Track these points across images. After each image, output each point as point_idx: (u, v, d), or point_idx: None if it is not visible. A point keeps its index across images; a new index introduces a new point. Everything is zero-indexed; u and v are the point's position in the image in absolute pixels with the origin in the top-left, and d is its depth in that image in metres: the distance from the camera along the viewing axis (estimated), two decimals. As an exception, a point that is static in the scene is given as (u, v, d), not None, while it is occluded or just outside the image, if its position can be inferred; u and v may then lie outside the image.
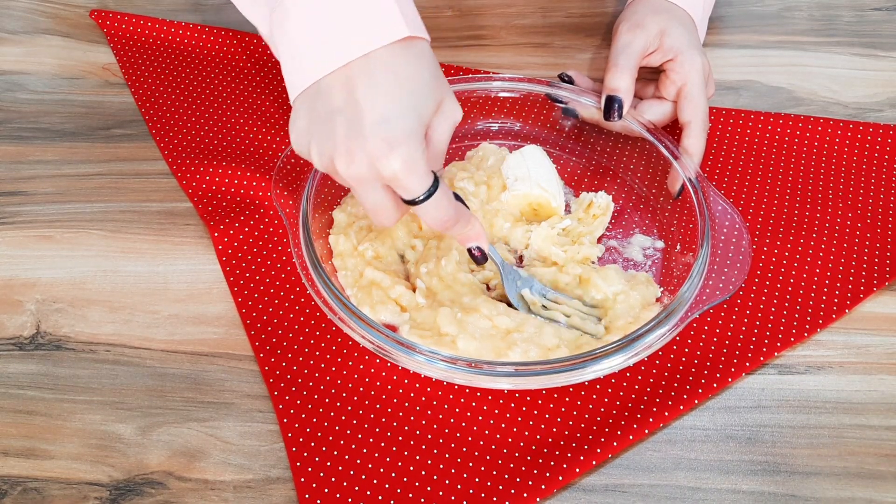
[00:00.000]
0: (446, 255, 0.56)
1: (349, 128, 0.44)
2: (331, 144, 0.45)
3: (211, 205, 0.62)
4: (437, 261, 0.55)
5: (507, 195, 0.60)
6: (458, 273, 0.55)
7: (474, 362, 0.48)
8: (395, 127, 0.44)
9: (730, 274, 0.53)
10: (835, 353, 0.54)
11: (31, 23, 0.81)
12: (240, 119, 0.69)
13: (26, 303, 0.57)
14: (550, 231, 0.59)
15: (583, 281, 0.56)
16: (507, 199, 0.60)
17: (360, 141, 0.44)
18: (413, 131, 0.44)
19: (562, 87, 0.65)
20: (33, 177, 0.66)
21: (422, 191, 0.46)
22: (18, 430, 0.51)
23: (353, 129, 0.44)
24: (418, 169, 0.45)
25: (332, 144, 0.45)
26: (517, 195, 0.59)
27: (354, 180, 0.46)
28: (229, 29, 0.77)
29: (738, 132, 0.68)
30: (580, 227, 0.59)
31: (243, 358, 0.54)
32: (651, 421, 0.50)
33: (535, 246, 0.59)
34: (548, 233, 0.58)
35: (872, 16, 0.81)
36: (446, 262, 0.55)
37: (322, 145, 0.46)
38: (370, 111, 0.44)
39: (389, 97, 0.44)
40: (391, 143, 0.44)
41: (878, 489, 0.48)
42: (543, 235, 0.58)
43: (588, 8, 0.82)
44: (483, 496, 0.47)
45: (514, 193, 0.59)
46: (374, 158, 0.44)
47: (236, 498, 0.47)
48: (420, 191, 0.46)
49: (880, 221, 0.61)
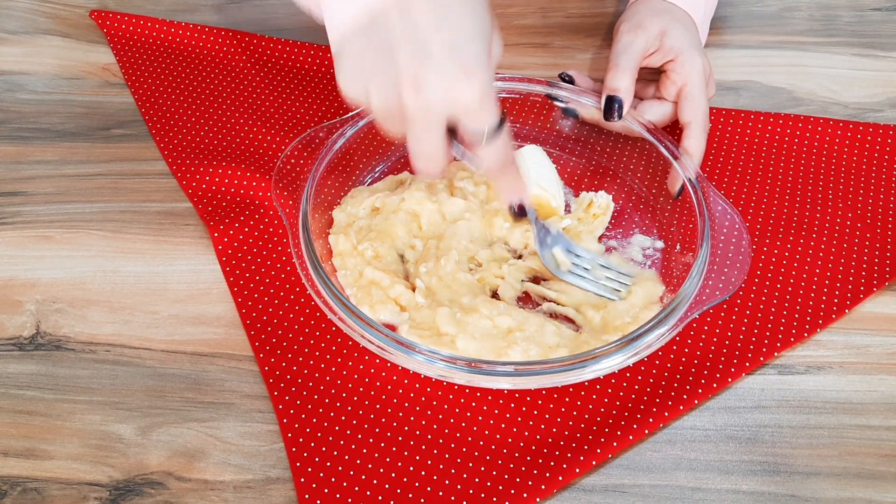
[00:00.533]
0: (446, 254, 0.56)
1: (415, 54, 0.41)
2: (393, 74, 0.41)
3: (211, 205, 0.62)
4: (436, 260, 0.55)
5: None
6: (457, 273, 0.55)
7: (474, 362, 0.48)
8: (469, 52, 0.41)
9: (730, 274, 0.53)
10: (835, 353, 0.54)
11: (31, 23, 0.81)
12: (240, 119, 0.69)
13: (26, 303, 0.57)
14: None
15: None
16: None
17: (431, 67, 0.40)
18: (485, 56, 0.42)
19: (562, 87, 0.65)
20: (33, 177, 0.66)
21: (494, 120, 0.43)
22: (18, 431, 0.51)
23: (420, 55, 0.40)
24: (492, 98, 0.42)
25: (395, 74, 0.41)
26: None
27: (422, 113, 0.42)
28: (229, 29, 0.77)
29: (738, 132, 0.68)
30: (580, 226, 0.59)
31: (243, 358, 0.54)
32: (651, 421, 0.50)
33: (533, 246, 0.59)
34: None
35: (872, 16, 0.81)
36: (445, 261, 0.55)
37: (382, 78, 0.42)
38: (438, 35, 0.40)
39: (457, 20, 0.41)
40: (467, 69, 0.41)
41: (878, 489, 0.48)
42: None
43: (588, 8, 0.82)
44: (483, 496, 0.47)
45: None
46: (451, 84, 0.41)
47: (236, 498, 0.47)
48: (493, 122, 0.43)
49: (880, 221, 0.61)
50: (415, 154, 0.46)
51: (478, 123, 0.44)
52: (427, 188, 0.60)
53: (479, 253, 0.57)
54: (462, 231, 0.58)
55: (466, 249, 0.57)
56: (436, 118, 0.43)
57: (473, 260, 0.57)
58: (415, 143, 0.45)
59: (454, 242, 0.57)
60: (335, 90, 0.72)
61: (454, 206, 0.59)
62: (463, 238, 0.57)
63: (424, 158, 0.46)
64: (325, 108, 0.71)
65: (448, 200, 0.59)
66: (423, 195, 0.59)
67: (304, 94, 0.72)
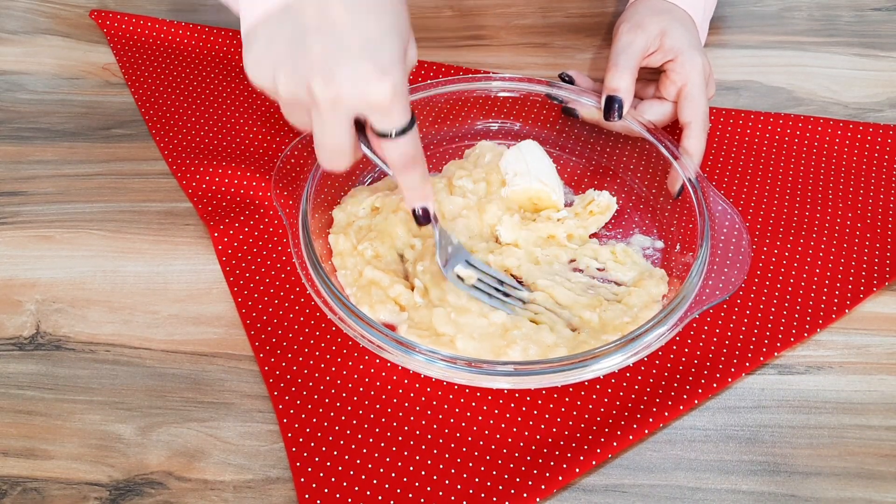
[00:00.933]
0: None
1: (329, 47, 0.41)
2: (305, 66, 0.42)
3: (211, 205, 0.62)
4: (431, 257, 0.55)
5: (507, 190, 0.60)
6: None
7: (474, 362, 0.48)
8: (384, 50, 0.41)
9: (729, 274, 0.53)
10: (835, 353, 0.54)
11: (31, 23, 0.81)
12: (240, 119, 0.69)
13: (26, 303, 0.57)
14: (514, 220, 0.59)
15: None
16: (507, 195, 0.60)
17: (344, 62, 0.41)
18: (400, 57, 0.42)
19: (562, 86, 0.65)
20: (33, 177, 0.66)
21: (405, 122, 0.43)
22: (18, 430, 0.51)
23: (334, 48, 0.41)
24: (404, 98, 0.43)
25: (306, 66, 0.41)
26: (517, 190, 0.59)
27: (329, 105, 0.42)
28: (229, 29, 0.77)
29: (738, 132, 0.68)
30: (573, 219, 0.59)
31: (243, 358, 0.54)
32: (651, 421, 0.50)
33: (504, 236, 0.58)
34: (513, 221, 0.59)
35: (872, 16, 0.81)
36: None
37: (292, 67, 0.42)
38: (354, 31, 0.41)
39: (375, 19, 0.41)
40: (382, 68, 0.41)
41: (878, 489, 0.48)
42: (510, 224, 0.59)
43: (588, 8, 0.82)
44: (483, 496, 0.47)
45: (513, 189, 0.59)
46: (363, 82, 0.41)
47: (236, 498, 0.47)
48: (403, 122, 0.43)
49: (880, 221, 0.61)
50: (320, 146, 0.46)
51: (387, 123, 0.44)
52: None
53: (475, 247, 0.57)
54: (460, 229, 0.58)
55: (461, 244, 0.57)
56: (343, 112, 0.43)
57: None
58: (320, 134, 0.45)
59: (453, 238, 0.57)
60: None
61: (453, 205, 0.59)
62: (461, 235, 0.57)
63: (329, 151, 0.46)
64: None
65: (447, 199, 0.59)
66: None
67: (304, 94, 0.72)
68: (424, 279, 0.55)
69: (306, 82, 0.42)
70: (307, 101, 0.44)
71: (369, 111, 0.43)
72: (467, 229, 0.58)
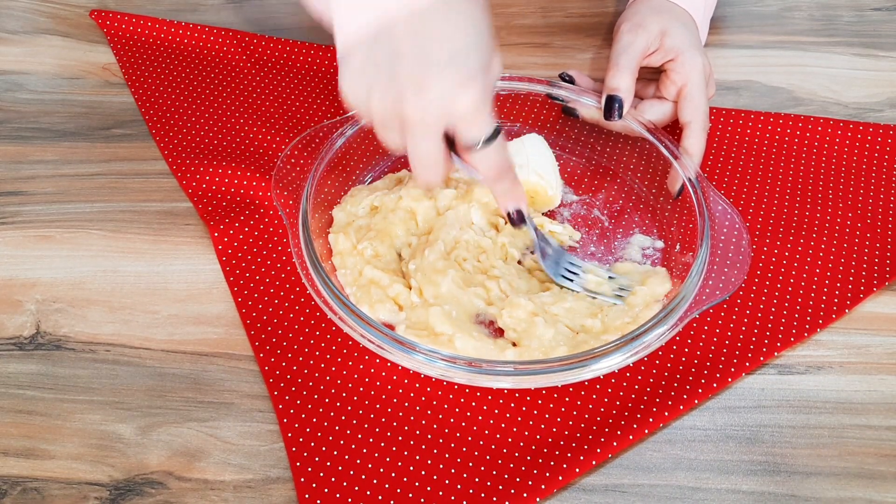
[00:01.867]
0: (432, 245, 0.55)
1: (418, 63, 0.43)
2: (397, 83, 0.43)
3: (211, 205, 0.62)
4: (423, 255, 0.55)
5: None
6: (437, 262, 0.54)
7: (474, 361, 0.48)
8: (468, 62, 0.43)
9: (729, 274, 0.53)
10: (835, 353, 0.54)
11: (31, 23, 0.81)
12: (240, 119, 0.69)
13: (26, 303, 0.57)
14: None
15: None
16: None
17: (432, 74, 0.43)
18: (483, 68, 0.44)
19: (562, 86, 0.65)
20: (33, 177, 0.66)
21: (489, 131, 0.45)
22: (18, 430, 0.51)
23: (423, 63, 0.43)
24: (488, 107, 0.44)
25: (398, 83, 0.43)
26: None
27: (420, 117, 0.44)
28: (229, 29, 0.77)
29: (738, 132, 0.68)
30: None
31: (243, 358, 0.54)
32: (651, 421, 0.50)
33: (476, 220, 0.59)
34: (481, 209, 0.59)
35: (872, 16, 0.81)
36: (429, 252, 0.55)
37: (385, 85, 0.44)
38: (441, 47, 0.42)
39: (462, 35, 0.43)
40: (466, 77, 0.43)
41: (878, 489, 0.48)
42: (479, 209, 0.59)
43: (588, 8, 0.82)
44: (483, 496, 0.47)
45: None
46: (448, 92, 0.43)
47: (236, 498, 0.47)
48: (488, 131, 0.45)
49: (880, 221, 0.61)
50: (414, 161, 0.47)
51: (473, 131, 0.45)
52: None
53: (463, 237, 0.57)
54: (451, 220, 0.57)
55: (454, 239, 0.57)
56: (433, 123, 0.44)
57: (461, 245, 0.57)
58: (414, 149, 0.46)
59: (443, 233, 0.56)
60: (335, 90, 0.72)
61: (446, 198, 0.59)
62: (453, 227, 0.57)
63: (424, 166, 0.47)
64: (325, 108, 0.71)
65: (441, 193, 0.59)
66: (419, 192, 0.59)
67: (304, 94, 0.72)
68: (417, 278, 0.54)
69: (398, 100, 0.44)
70: (399, 119, 0.45)
71: (456, 121, 0.45)
72: (457, 220, 0.58)
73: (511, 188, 0.50)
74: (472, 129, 0.45)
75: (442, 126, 0.45)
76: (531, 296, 0.54)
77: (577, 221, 0.61)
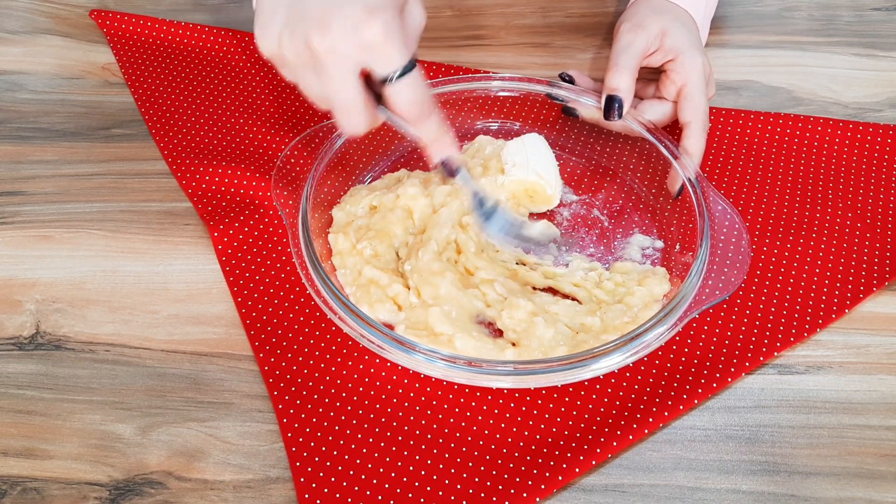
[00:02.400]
0: (425, 246, 0.55)
1: (322, 3, 0.43)
2: (304, 23, 0.44)
3: (211, 205, 0.62)
4: (416, 254, 0.55)
5: (503, 179, 0.60)
6: (432, 263, 0.54)
7: (474, 361, 0.48)
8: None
9: (729, 274, 0.53)
10: (835, 353, 0.54)
11: (31, 23, 0.81)
12: (240, 119, 0.69)
13: (26, 303, 0.57)
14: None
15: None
16: (504, 183, 0.60)
17: (335, 9, 0.43)
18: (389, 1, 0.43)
19: (562, 86, 0.65)
20: (33, 177, 0.66)
21: (401, 62, 0.44)
22: (18, 430, 0.51)
23: (328, 1, 0.43)
24: (397, 37, 0.44)
25: (305, 23, 0.44)
26: (514, 180, 0.60)
27: (330, 56, 0.44)
28: (229, 29, 0.77)
29: (738, 132, 0.68)
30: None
31: (243, 358, 0.54)
32: (651, 421, 0.50)
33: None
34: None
35: (872, 16, 0.81)
36: (423, 252, 0.55)
37: (294, 28, 0.44)
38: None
39: None
40: (370, 8, 0.43)
41: (878, 489, 0.48)
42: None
43: (588, 8, 0.82)
44: (483, 496, 0.47)
45: (510, 178, 0.60)
46: (354, 24, 0.43)
47: (236, 498, 0.47)
48: (399, 62, 0.44)
49: (880, 221, 0.61)
50: (333, 106, 0.46)
51: (385, 66, 0.44)
52: (421, 183, 0.59)
53: (458, 236, 0.57)
54: (444, 218, 0.57)
55: (447, 237, 0.57)
56: (344, 58, 0.44)
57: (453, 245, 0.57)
58: (330, 92, 0.46)
59: (435, 233, 0.56)
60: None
61: (440, 195, 0.59)
62: (445, 226, 0.57)
63: (342, 109, 0.46)
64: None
65: (437, 190, 0.59)
66: (416, 191, 0.59)
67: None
68: (414, 279, 0.54)
69: (306, 39, 0.44)
70: (310, 61, 0.45)
71: (367, 56, 0.44)
72: (450, 217, 0.58)
73: (437, 132, 0.48)
74: (383, 61, 0.44)
75: (353, 62, 0.44)
76: (530, 295, 0.54)
77: (577, 221, 0.61)
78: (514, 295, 0.54)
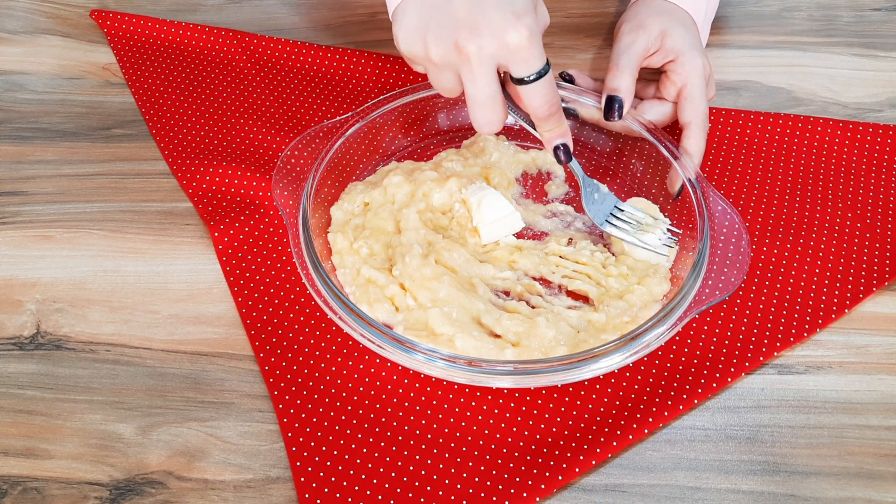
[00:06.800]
0: (408, 251, 0.55)
1: (471, 4, 0.47)
2: (451, 26, 0.48)
3: (211, 205, 0.62)
4: (403, 260, 0.55)
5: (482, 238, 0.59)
6: (423, 269, 0.54)
7: (473, 361, 0.48)
8: (517, 1, 0.47)
9: (729, 274, 0.53)
10: (835, 353, 0.54)
11: (31, 23, 0.81)
12: (240, 119, 0.69)
13: (26, 303, 0.57)
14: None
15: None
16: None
17: (485, 14, 0.47)
18: (532, 7, 0.48)
19: (562, 86, 0.65)
20: (33, 177, 0.66)
21: (541, 65, 0.49)
22: (18, 430, 0.51)
23: (475, 4, 0.47)
24: (538, 41, 0.48)
25: (453, 25, 0.48)
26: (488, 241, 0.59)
27: (476, 55, 0.48)
28: (229, 29, 0.77)
29: (738, 132, 0.68)
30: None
31: (243, 358, 0.54)
32: (651, 421, 0.50)
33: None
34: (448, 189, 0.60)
35: (872, 16, 0.81)
36: (410, 258, 0.55)
37: (441, 30, 0.48)
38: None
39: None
40: (517, 13, 0.47)
41: (878, 489, 0.48)
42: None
43: (588, 8, 0.82)
44: (483, 496, 0.47)
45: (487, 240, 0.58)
46: (501, 28, 0.47)
47: (236, 498, 0.47)
48: (540, 64, 0.49)
49: (880, 221, 0.61)
50: (474, 102, 0.50)
51: (525, 65, 0.49)
52: (406, 174, 0.59)
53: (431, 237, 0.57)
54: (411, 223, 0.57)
55: (425, 238, 0.56)
56: (488, 58, 0.48)
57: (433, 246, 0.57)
58: (472, 88, 0.50)
59: (413, 235, 0.56)
60: (335, 90, 0.72)
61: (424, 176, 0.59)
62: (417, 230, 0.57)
63: (482, 104, 0.50)
64: (325, 109, 0.71)
65: (421, 175, 0.59)
66: (401, 179, 0.59)
67: (304, 94, 0.72)
68: (407, 283, 0.54)
69: (454, 40, 0.48)
70: (456, 60, 0.49)
71: (509, 57, 0.48)
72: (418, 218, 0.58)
73: (558, 125, 0.53)
74: (524, 63, 0.49)
75: (496, 62, 0.49)
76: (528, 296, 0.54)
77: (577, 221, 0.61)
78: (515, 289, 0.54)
